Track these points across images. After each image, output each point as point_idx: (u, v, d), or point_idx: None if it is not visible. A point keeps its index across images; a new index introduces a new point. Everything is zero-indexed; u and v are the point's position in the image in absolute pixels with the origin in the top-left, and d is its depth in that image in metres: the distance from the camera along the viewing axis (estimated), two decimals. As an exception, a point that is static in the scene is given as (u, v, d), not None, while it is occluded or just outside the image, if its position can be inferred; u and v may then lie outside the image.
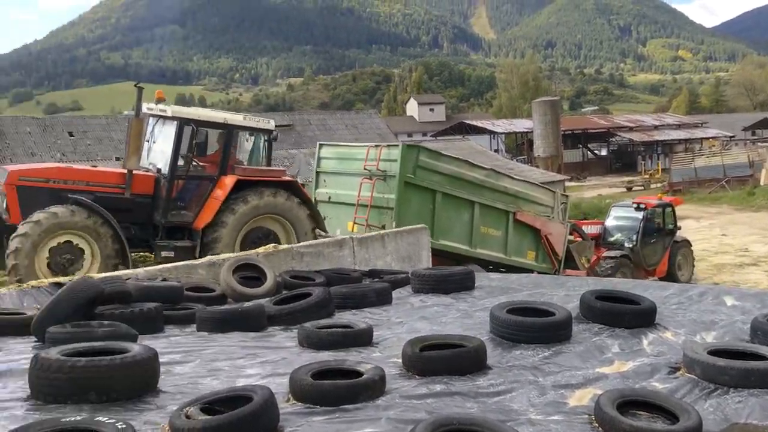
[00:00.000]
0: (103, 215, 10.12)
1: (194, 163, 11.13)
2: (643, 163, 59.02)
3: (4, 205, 10.26)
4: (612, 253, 17.20)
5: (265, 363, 4.50)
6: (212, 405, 3.36)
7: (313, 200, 14.07)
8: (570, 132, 65.32)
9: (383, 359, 4.48)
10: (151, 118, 11.51)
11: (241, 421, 3.09)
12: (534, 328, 4.65)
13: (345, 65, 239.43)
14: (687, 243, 18.86)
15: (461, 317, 5.70)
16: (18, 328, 5.46)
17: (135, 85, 11.30)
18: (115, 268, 9.97)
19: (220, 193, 10.88)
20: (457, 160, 13.76)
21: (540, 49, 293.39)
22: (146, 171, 11.22)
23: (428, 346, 4.26)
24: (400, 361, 4.24)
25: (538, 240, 14.97)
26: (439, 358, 4.10)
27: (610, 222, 18.57)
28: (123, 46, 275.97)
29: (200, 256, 10.43)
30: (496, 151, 60.83)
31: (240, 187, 10.98)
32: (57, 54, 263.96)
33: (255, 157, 11.87)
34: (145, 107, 11.33)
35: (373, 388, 3.65)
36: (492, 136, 66.15)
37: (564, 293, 6.41)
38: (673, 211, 18.68)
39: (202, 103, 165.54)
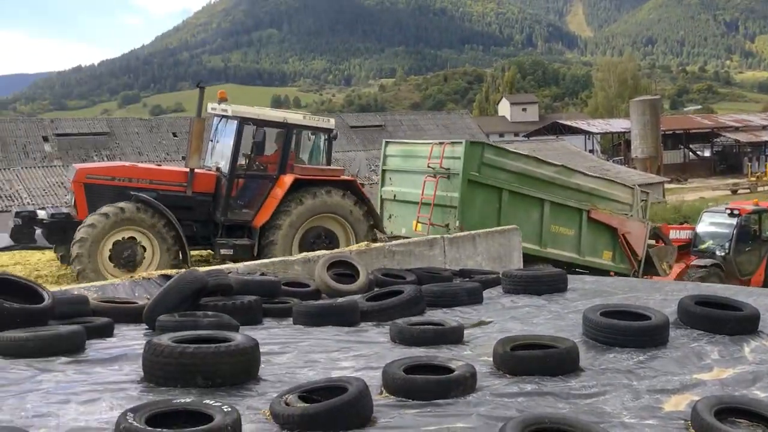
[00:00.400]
0: (166, 214, 10.37)
1: (256, 163, 11.30)
2: (749, 164, 56.22)
3: (73, 202, 10.75)
4: (702, 262, 16.34)
5: (358, 356, 4.64)
6: (310, 394, 3.51)
7: (379, 198, 14.22)
8: (671, 132, 62.93)
9: (474, 357, 4.53)
10: (215, 119, 11.78)
11: (337, 410, 3.23)
12: (628, 331, 4.59)
13: (437, 65, 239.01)
14: None
15: (553, 319, 5.67)
16: (131, 316, 5.85)
17: (197, 85, 11.52)
18: (175, 266, 10.24)
19: (278, 192, 10.97)
20: (524, 157, 13.38)
21: (639, 46, 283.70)
22: (208, 170, 11.49)
23: (519, 346, 4.28)
24: (491, 359, 4.29)
25: (615, 239, 14.32)
26: (531, 358, 4.12)
27: (701, 228, 17.60)
28: (223, 50, 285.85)
29: (258, 255, 10.67)
30: (591, 151, 59.35)
31: (298, 186, 11.04)
32: (162, 58, 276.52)
33: (315, 156, 11.91)
34: (209, 107, 11.61)
35: (465, 384, 3.71)
36: (587, 136, 64.53)
37: (661, 297, 6.26)
38: None
39: (297, 104, 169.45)
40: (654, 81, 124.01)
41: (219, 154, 11.65)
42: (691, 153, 66.70)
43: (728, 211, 16.95)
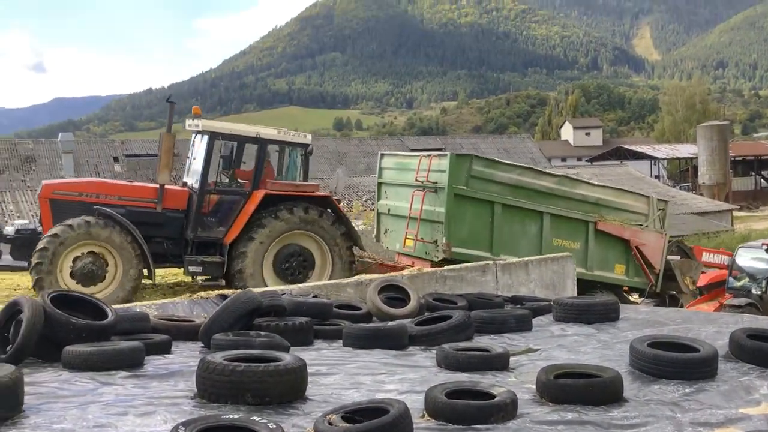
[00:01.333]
0: (130, 229, 10.26)
1: (236, 179, 11.18)
2: (825, 192, 53.86)
3: (39, 217, 10.84)
4: (737, 301, 15.15)
5: (403, 380, 4.74)
6: (353, 414, 3.63)
7: (376, 212, 14.15)
8: (741, 158, 60.99)
9: (518, 384, 4.57)
10: (193, 135, 11.76)
11: (377, 431, 3.34)
12: (675, 363, 4.55)
13: (499, 89, 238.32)
14: None
15: (601, 348, 5.65)
16: (188, 334, 6.10)
17: (167, 100, 11.52)
18: (138, 282, 10.20)
19: (250, 208, 10.86)
20: (519, 168, 12.85)
21: (709, 70, 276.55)
22: (183, 186, 11.43)
23: (563, 374, 4.30)
24: (534, 387, 4.33)
25: (629, 252, 13.57)
26: (573, 387, 4.14)
27: (737, 264, 16.32)
28: (288, 73, 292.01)
29: (228, 272, 10.59)
30: (657, 177, 58.05)
31: (272, 202, 10.86)
32: (229, 81, 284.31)
33: (291, 172, 11.65)
34: (186, 123, 11.63)
35: (505, 410, 3.77)
36: (652, 161, 63.15)
37: (714, 330, 6.15)
38: None
39: (358, 126, 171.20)
40: (724, 105, 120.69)
41: (194, 171, 11.59)
42: (763, 180, 64.42)
43: (765, 247, 15.74)
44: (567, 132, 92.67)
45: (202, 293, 8.04)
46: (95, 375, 4.51)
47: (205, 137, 11.19)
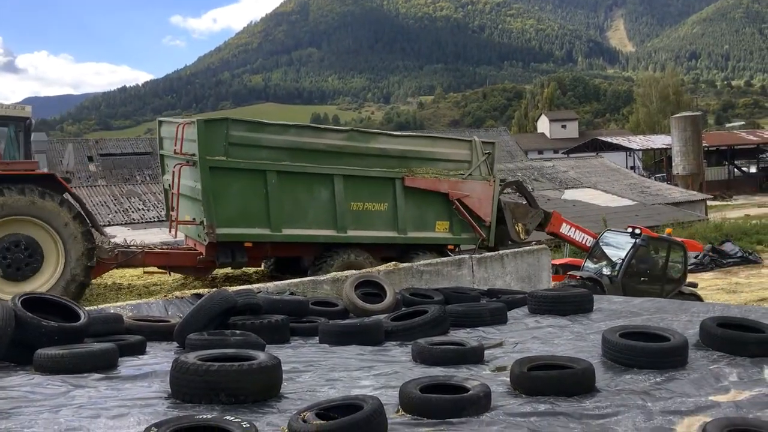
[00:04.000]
0: None
1: None
2: (797, 180, 54.72)
3: None
4: (580, 273, 13.91)
5: (379, 375, 4.76)
6: (327, 411, 3.64)
7: (162, 188, 12.64)
8: (714, 148, 61.74)
9: (492, 377, 4.61)
10: None
11: (351, 427, 3.34)
12: (646, 352, 4.62)
13: (476, 82, 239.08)
14: (698, 300, 13.66)
15: (575, 339, 5.71)
16: (163, 334, 6.07)
17: None
18: None
19: None
20: (294, 127, 11.32)
21: (683, 61, 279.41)
22: None
23: (536, 366, 4.35)
24: (509, 379, 4.36)
25: (451, 206, 12.16)
26: (546, 378, 4.18)
27: (601, 244, 15.03)
28: (263, 69, 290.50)
29: None
30: (632, 168, 58.54)
31: None
32: (204, 78, 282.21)
33: (9, 151, 10.42)
34: None
35: (478, 403, 3.80)
36: (628, 153, 63.73)
37: (686, 319, 6.24)
38: (685, 255, 14.57)
39: (336, 122, 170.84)
40: (697, 96, 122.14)
41: None
42: (736, 170, 65.33)
43: (630, 231, 14.45)
44: (543, 125, 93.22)
45: (177, 293, 7.99)
46: (67, 378, 4.47)
47: None
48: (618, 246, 14.27)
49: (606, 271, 13.86)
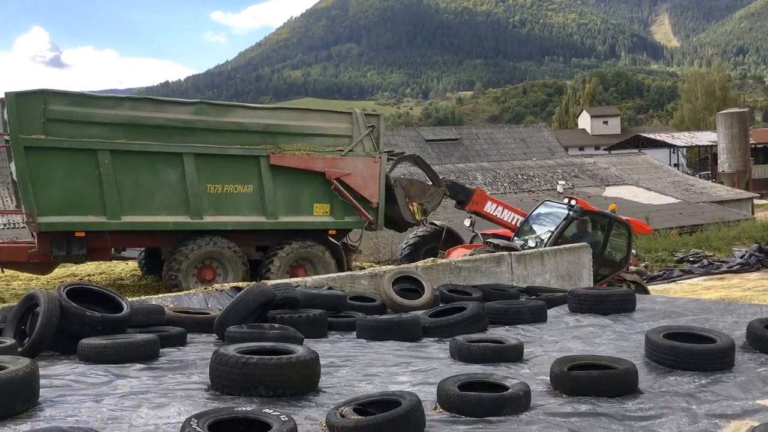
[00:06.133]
0: None
1: None
2: None
3: None
4: (495, 241, 12.08)
5: (416, 372, 4.74)
6: (365, 406, 3.63)
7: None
8: (761, 146, 60.13)
9: (531, 376, 4.55)
10: None
11: (389, 424, 3.33)
12: (691, 354, 4.51)
13: (516, 78, 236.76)
14: (644, 292, 11.77)
15: (616, 339, 5.61)
16: (203, 326, 6.13)
17: None
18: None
19: None
20: (129, 100, 10.33)
21: (729, 56, 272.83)
22: None
23: (577, 366, 4.28)
24: (548, 378, 4.30)
25: (330, 187, 11.10)
26: (588, 378, 4.11)
27: (533, 218, 13.27)
28: (303, 64, 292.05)
29: None
30: (676, 165, 57.46)
31: None
32: (245, 73, 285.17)
33: None
34: None
35: (518, 402, 3.75)
36: (671, 149, 62.50)
37: (733, 320, 6.08)
38: (629, 236, 12.65)
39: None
40: (744, 92, 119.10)
41: None
42: (784, 167, 63.57)
43: (566, 200, 12.67)
44: (584, 121, 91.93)
45: (217, 285, 8.07)
46: (110, 367, 4.54)
47: None
48: (555, 220, 12.49)
49: (531, 244, 12.17)
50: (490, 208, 13.24)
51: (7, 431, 3.29)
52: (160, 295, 7.79)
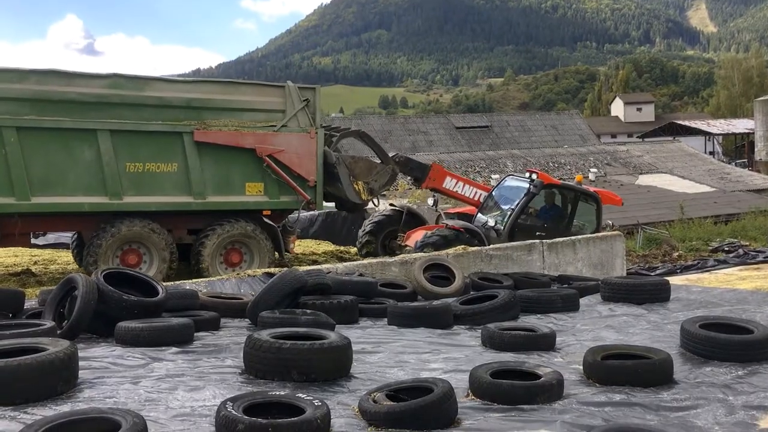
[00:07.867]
0: None
1: None
2: None
3: None
4: (452, 223, 11.21)
5: (448, 359, 4.74)
6: (397, 393, 3.65)
7: None
8: (800, 133, 58.76)
9: (564, 365, 4.53)
10: None
11: (421, 410, 3.34)
12: (728, 345, 4.45)
13: (547, 64, 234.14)
14: None
15: (651, 329, 5.55)
16: (236, 311, 6.21)
17: None
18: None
19: None
20: (35, 74, 9.54)
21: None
22: None
23: (611, 356, 4.24)
24: (581, 368, 4.28)
25: (263, 164, 10.62)
26: (621, 368, 4.08)
27: (496, 194, 12.38)
28: (333, 51, 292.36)
29: None
30: (712, 153, 56.42)
31: None
32: (275, 60, 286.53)
33: None
34: None
35: (551, 391, 3.74)
36: (707, 137, 61.38)
37: (771, 311, 5.98)
38: (599, 209, 11.75)
39: (404, 104, 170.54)
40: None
41: None
42: (823, 155, 62.07)
43: (528, 174, 11.93)
44: (617, 108, 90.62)
45: (249, 271, 8.15)
46: (147, 350, 4.63)
47: None
48: (521, 195, 11.54)
49: (491, 222, 11.43)
50: (449, 184, 12.39)
51: (48, 411, 3.37)
52: (194, 281, 7.89)
